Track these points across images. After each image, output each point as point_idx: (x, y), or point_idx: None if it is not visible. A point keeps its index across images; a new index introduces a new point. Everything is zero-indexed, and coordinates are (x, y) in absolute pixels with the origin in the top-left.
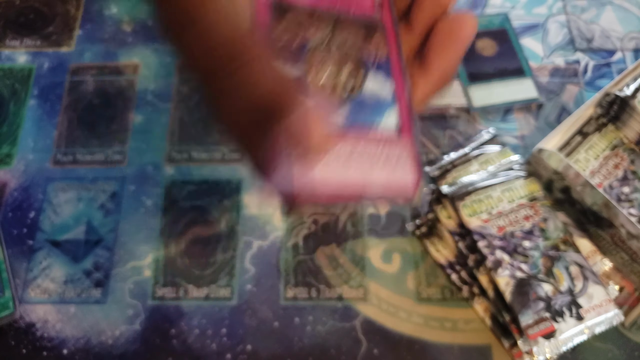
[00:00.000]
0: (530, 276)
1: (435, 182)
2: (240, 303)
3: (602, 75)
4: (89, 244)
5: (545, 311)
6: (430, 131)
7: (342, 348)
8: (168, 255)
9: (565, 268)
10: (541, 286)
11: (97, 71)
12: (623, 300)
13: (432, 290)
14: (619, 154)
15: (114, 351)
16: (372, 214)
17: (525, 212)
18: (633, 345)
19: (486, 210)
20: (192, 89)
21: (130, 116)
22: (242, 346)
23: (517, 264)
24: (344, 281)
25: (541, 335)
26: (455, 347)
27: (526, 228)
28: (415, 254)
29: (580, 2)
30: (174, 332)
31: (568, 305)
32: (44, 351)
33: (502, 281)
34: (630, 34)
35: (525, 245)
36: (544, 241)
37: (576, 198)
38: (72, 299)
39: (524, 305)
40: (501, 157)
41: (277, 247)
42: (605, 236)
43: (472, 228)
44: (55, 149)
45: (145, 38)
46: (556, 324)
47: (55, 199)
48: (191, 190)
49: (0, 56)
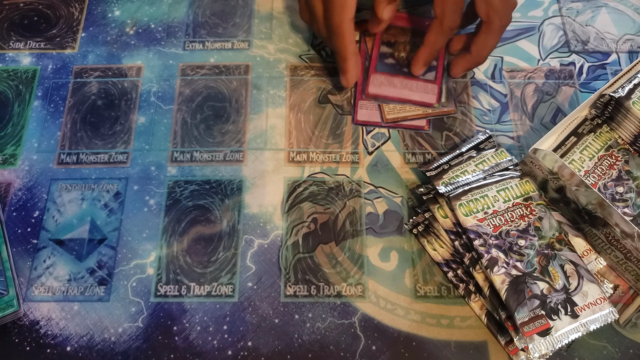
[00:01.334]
0: (526, 274)
1: (431, 182)
2: (241, 300)
3: (597, 76)
4: (93, 243)
5: (540, 309)
6: (427, 132)
7: (341, 344)
8: (170, 254)
9: (560, 266)
10: (536, 284)
11: (101, 73)
12: (617, 298)
13: (429, 288)
14: (614, 154)
15: (116, 348)
16: (371, 213)
17: (520, 211)
18: (627, 343)
19: (482, 209)
20: (195, 90)
21: (134, 117)
22: (243, 343)
23: (513, 263)
24: (343, 279)
25: (536, 332)
26: (451, 344)
27: (521, 227)
28: (413, 252)
29: (576, 4)
30: (176, 330)
31: (563, 303)
32: (48, 348)
33: (497, 279)
34: (625, 36)
35: (521, 244)
36: (539, 240)
37: (571, 198)
38: (76, 297)
39: (519, 302)
40: (497, 158)
41: (277, 245)
42: (600, 235)
43: (468, 227)
44: (59, 149)
45: (149, 40)
46: (551, 322)
47: (59, 199)
48: (193, 190)
49: (4, 58)
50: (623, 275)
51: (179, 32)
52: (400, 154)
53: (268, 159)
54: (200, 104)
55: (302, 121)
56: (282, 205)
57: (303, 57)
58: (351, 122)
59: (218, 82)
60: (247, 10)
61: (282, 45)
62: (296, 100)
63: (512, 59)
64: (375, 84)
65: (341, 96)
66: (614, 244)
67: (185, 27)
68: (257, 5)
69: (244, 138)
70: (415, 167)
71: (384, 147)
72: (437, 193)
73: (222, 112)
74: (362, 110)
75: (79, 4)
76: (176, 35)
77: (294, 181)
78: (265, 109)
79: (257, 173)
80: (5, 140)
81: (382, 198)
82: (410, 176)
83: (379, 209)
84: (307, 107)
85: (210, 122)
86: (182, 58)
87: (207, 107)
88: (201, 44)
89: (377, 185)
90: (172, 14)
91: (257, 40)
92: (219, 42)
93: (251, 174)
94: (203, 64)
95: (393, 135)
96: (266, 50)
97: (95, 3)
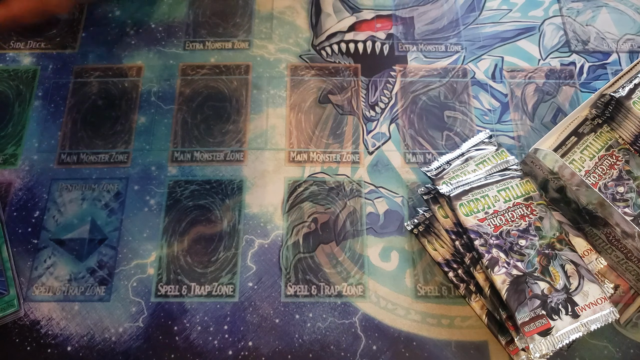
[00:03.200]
0: (526, 274)
1: (432, 182)
2: (241, 300)
3: (598, 76)
4: (93, 243)
5: (541, 309)
6: (428, 132)
7: (342, 344)
8: (171, 254)
9: (560, 266)
10: (537, 284)
11: (101, 73)
12: (618, 298)
13: (429, 288)
14: (614, 154)
15: (117, 348)
16: (371, 213)
17: (521, 211)
18: (628, 343)
19: (482, 209)
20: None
21: (134, 117)
22: (243, 342)
23: (513, 262)
24: (344, 279)
25: (537, 332)
26: (452, 344)
27: (522, 227)
28: (413, 252)
29: (576, 4)
30: (177, 329)
31: (564, 303)
32: (48, 348)
33: (498, 279)
34: (626, 36)
35: (521, 244)
36: (540, 240)
37: (571, 197)
38: (76, 296)
39: (520, 302)
40: (497, 158)
41: (278, 245)
42: (601, 235)
43: (469, 227)
44: (59, 149)
45: (149, 40)
46: (552, 321)
47: (60, 199)
48: (194, 189)
49: (5, 58)
50: (624, 275)
51: (179, 32)
52: (401, 154)
53: (268, 159)
54: (200, 103)
55: (303, 121)
56: (283, 205)
57: (303, 57)
58: (352, 122)
59: (218, 82)
60: (247, 10)
61: (283, 45)
62: (296, 100)
63: (512, 59)
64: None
65: (341, 96)
66: (615, 243)
67: (185, 27)
68: (258, 5)
69: (245, 138)
70: (416, 167)
71: (385, 147)
72: (437, 193)
73: (223, 112)
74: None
75: (79, 4)
76: (176, 35)
77: (294, 181)
78: (266, 108)
79: (257, 173)
80: (6, 140)
81: (383, 198)
82: (411, 176)
83: (380, 209)
84: (308, 107)
85: (210, 122)
86: (183, 58)
87: (207, 107)
88: (201, 43)
89: (377, 185)
90: (172, 14)
91: (257, 40)
92: (220, 42)
93: (252, 173)
94: (203, 64)
95: (393, 135)
96: (266, 50)
97: (95, 3)
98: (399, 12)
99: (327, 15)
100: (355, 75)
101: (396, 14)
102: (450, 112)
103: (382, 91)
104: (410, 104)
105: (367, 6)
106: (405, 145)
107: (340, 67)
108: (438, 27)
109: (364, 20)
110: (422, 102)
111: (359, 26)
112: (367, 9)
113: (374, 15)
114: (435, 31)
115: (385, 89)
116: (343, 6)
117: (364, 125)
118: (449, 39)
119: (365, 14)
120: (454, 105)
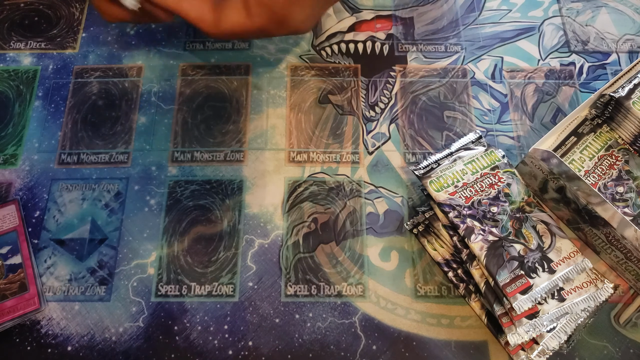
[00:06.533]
0: (502, 238)
1: (420, 180)
2: (241, 300)
3: (597, 76)
4: (94, 243)
5: (519, 269)
6: (428, 132)
7: (342, 344)
8: (171, 254)
9: (532, 227)
10: (513, 247)
11: (101, 73)
12: (617, 298)
13: (429, 288)
14: (614, 154)
15: (117, 348)
16: (371, 213)
17: (489, 180)
18: (628, 343)
19: (452, 183)
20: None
21: (134, 117)
22: (243, 342)
23: (488, 229)
24: (344, 279)
25: (519, 291)
26: (452, 344)
27: (492, 195)
28: (413, 252)
29: (576, 4)
30: (177, 329)
31: (540, 261)
32: (49, 348)
33: (476, 247)
34: (625, 36)
35: (493, 211)
36: (510, 205)
37: (571, 197)
38: (77, 296)
39: (499, 266)
40: (487, 158)
41: (278, 245)
42: (600, 235)
43: (441, 201)
44: (59, 149)
45: (149, 41)
46: (531, 280)
47: (60, 199)
48: (194, 189)
49: (5, 58)
50: (623, 275)
51: (179, 32)
52: (401, 154)
53: (268, 159)
54: (200, 104)
55: (303, 121)
56: (283, 205)
57: (303, 57)
58: (352, 122)
59: (219, 82)
60: None
61: (283, 45)
62: (297, 100)
63: (512, 59)
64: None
65: (341, 96)
66: (614, 243)
67: (185, 27)
68: None
69: (245, 138)
70: None
71: (384, 147)
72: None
73: (223, 112)
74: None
75: (79, 4)
76: (177, 35)
77: (294, 181)
78: (266, 109)
79: (257, 173)
80: (6, 140)
81: (383, 198)
82: (411, 176)
83: (379, 209)
84: (308, 107)
85: (210, 122)
86: (183, 58)
87: (207, 107)
88: (202, 44)
89: (377, 185)
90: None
91: (257, 40)
92: (220, 42)
93: (252, 174)
94: (204, 64)
95: (393, 135)
96: (267, 50)
97: None
98: (398, 12)
99: (327, 15)
100: (355, 76)
101: (396, 14)
102: (450, 112)
103: (382, 91)
104: (410, 104)
105: (367, 6)
106: (405, 145)
107: (340, 68)
108: (438, 28)
109: (363, 21)
110: (422, 102)
111: (358, 26)
112: (367, 9)
113: (373, 15)
114: (435, 31)
115: (385, 89)
116: (343, 6)
117: (364, 125)
118: (449, 39)
119: (365, 14)
120: (454, 105)
